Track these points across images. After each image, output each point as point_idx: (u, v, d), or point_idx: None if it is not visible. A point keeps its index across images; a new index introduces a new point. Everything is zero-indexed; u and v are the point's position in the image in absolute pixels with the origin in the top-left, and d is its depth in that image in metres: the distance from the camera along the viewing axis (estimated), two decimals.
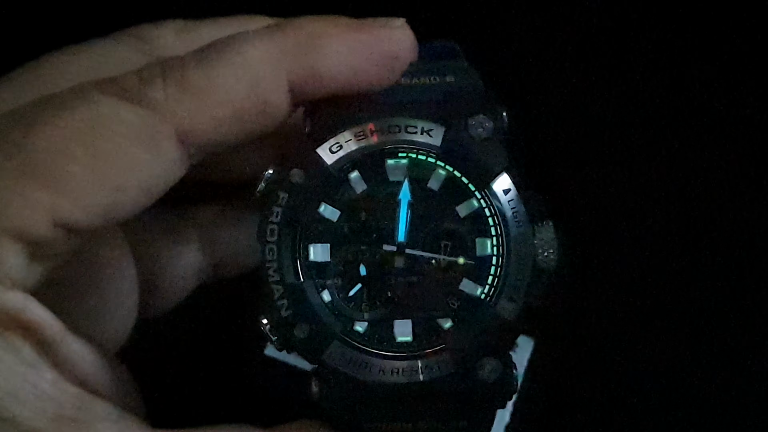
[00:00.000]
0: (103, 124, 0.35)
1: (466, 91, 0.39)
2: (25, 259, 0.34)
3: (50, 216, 0.34)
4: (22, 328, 0.34)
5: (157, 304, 0.44)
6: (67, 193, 0.34)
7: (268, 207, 0.37)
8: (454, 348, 0.37)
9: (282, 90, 0.36)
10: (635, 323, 0.51)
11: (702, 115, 0.50)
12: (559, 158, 0.48)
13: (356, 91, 0.38)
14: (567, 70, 0.51)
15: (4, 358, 0.34)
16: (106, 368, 0.37)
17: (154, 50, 0.41)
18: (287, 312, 0.37)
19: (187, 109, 0.35)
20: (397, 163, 0.39)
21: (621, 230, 0.49)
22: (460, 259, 0.38)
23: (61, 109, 0.35)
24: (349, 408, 0.38)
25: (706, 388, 0.51)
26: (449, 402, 0.38)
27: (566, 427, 0.51)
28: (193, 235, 0.45)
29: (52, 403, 0.34)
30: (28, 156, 0.34)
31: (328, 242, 0.38)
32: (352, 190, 0.39)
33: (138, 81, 0.36)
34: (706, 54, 0.51)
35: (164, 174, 0.36)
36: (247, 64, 0.36)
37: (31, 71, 0.41)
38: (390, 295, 0.39)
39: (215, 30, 0.41)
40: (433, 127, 0.38)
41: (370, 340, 0.38)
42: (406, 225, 0.38)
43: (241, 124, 0.36)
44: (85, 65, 0.40)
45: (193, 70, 0.36)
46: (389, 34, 0.38)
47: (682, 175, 0.49)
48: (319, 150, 0.38)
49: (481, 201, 0.38)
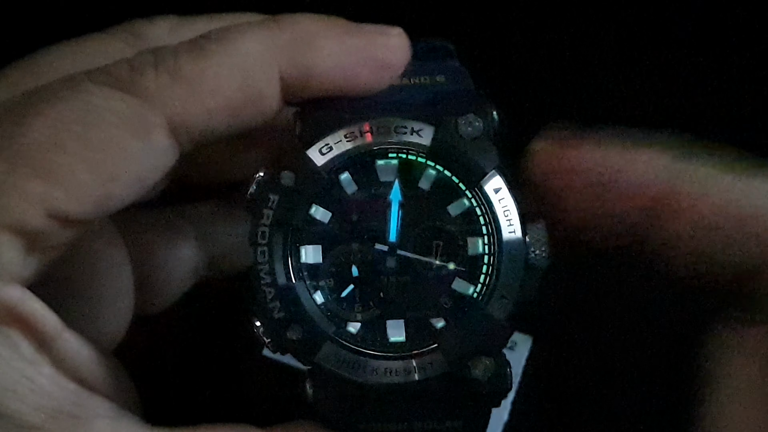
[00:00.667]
0: (94, 114, 0.35)
1: (457, 91, 0.39)
2: (21, 251, 0.34)
3: (44, 207, 0.34)
4: (19, 322, 0.34)
5: (154, 301, 0.44)
6: (59, 183, 0.34)
7: (258, 210, 0.38)
8: (446, 348, 0.37)
9: (274, 84, 0.36)
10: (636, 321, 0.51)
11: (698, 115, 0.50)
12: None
13: (345, 93, 0.38)
14: (559, 68, 0.51)
15: (1, 353, 0.34)
16: (104, 365, 0.37)
17: (147, 46, 0.40)
18: (279, 314, 0.37)
19: (179, 98, 0.35)
20: (388, 163, 0.39)
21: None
22: (450, 265, 0.38)
23: (52, 100, 0.35)
24: (344, 409, 0.38)
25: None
26: (443, 401, 0.38)
27: (565, 425, 0.51)
28: (189, 231, 0.45)
29: (50, 399, 0.34)
30: (20, 148, 0.34)
31: (320, 244, 0.39)
32: (342, 192, 0.39)
33: (129, 70, 0.36)
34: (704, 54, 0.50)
35: (156, 163, 0.36)
36: (240, 56, 0.36)
37: (25, 67, 0.41)
38: (382, 295, 0.39)
39: (209, 26, 0.41)
40: (422, 127, 0.38)
41: (363, 341, 0.38)
42: (397, 225, 0.39)
43: (232, 115, 0.36)
44: (78, 61, 0.40)
45: (185, 60, 0.36)
46: (384, 41, 0.38)
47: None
48: (309, 152, 0.38)
49: (471, 200, 0.38)
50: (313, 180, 0.38)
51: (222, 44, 0.36)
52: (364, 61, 0.37)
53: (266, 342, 0.37)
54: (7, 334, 0.34)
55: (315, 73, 0.37)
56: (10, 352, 0.34)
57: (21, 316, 0.35)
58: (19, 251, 0.34)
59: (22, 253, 0.35)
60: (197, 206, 0.46)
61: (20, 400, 0.33)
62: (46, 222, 0.34)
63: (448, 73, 0.40)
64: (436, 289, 0.39)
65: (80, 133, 0.34)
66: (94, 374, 0.36)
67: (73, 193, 0.34)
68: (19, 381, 0.34)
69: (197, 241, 0.45)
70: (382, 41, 0.38)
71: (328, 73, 0.37)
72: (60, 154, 0.34)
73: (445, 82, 0.40)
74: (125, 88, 0.35)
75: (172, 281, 0.45)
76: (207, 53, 0.36)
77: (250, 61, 0.36)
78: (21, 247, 0.34)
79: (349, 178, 0.39)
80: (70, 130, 0.34)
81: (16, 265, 0.35)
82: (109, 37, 0.42)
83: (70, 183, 0.34)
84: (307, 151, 0.38)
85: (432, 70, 0.40)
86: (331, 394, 0.37)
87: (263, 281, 0.37)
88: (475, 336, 0.37)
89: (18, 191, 0.34)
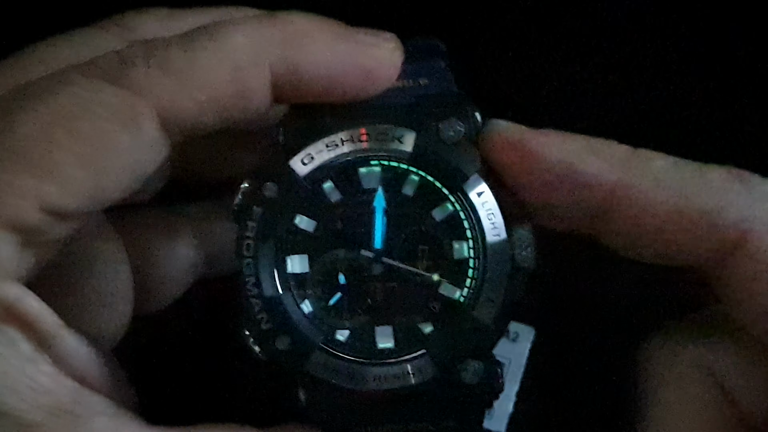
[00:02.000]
0: (84, 107, 0.35)
1: (439, 94, 0.39)
2: (16, 248, 0.34)
3: (37, 202, 0.34)
4: (18, 320, 0.35)
5: (153, 300, 0.44)
6: (51, 178, 0.34)
7: (243, 221, 0.38)
8: (435, 352, 0.37)
9: (264, 80, 0.36)
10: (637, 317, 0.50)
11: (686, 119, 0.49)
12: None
13: (333, 99, 0.38)
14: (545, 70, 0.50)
15: (1, 351, 0.34)
16: (102, 363, 0.37)
17: (138, 38, 0.41)
18: (267, 325, 0.37)
19: (168, 91, 0.35)
20: (370, 171, 0.39)
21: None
22: (436, 270, 0.39)
23: (42, 94, 0.35)
24: (337, 413, 0.38)
25: None
26: (436, 404, 0.38)
27: (570, 417, 0.51)
28: (187, 231, 0.45)
29: (49, 396, 0.34)
30: (10, 143, 0.34)
31: (306, 253, 0.39)
32: (326, 200, 0.39)
33: (119, 62, 0.36)
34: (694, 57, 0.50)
35: (147, 156, 0.36)
36: (230, 50, 0.36)
37: (14, 62, 0.41)
38: (370, 302, 0.39)
39: (200, 19, 0.41)
40: (404, 133, 0.38)
41: (352, 348, 0.38)
42: (382, 232, 0.39)
43: (221, 108, 0.36)
44: (68, 54, 0.40)
45: (176, 52, 0.36)
46: (375, 52, 0.37)
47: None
48: (291, 162, 0.38)
49: (455, 204, 0.38)
50: (296, 190, 0.38)
51: (213, 38, 0.36)
52: (352, 69, 0.37)
53: (256, 351, 0.38)
54: (5, 332, 0.34)
55: (304, 74, 0.37)
56: (9, 350, 0.34)
57: (20, 314, 0.35)
58: (15, 248, 0.34)
59: (18, 250, 0.35)
60: (194, 205, 0.46)
61: (20, 397, 0.33)
62: (40, 217, 0.34)
63: (431, 75, 0.40)
64: (424, 294, 0.39)
65: (71, 126, 0.34)
66: (93, 372, 0.36)
67: (66, 187, 0.34)
68: (18, 379, 0.34)
69: (195, 240, 0.45)
70: (373, 52, 0.37)
71: (316, 76, 0.37)
72: (51, 149, 0.34)
73: (428, 84, 0.39)
74: (115, 80, 0.35)
75: (171, 280, 0.45)
76: (198, 46, 0.36)
77: (241, 56, 0.36)
78: (16, 244, 0.34)
79: (333, 186, 0.39)
80: (61, 124, 0.34)
81: (12, 261, 0.35)
82: (99, 30, 0.42)
83: (62, 177, 0.34)
84: (289, 161, 0.38)
85: (416, 72, 0.39)
86: (323, 400, 0.38)
87: (250, 293, 0.38)
88: (463, 340, 0.37)
89: (10, 187, 0.34)
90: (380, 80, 0.38)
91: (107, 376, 0.37)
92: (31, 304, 0.35)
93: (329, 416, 0.38)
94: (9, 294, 0.35)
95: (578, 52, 0.50)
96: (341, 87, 0.37)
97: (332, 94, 0.38)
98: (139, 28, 0.42)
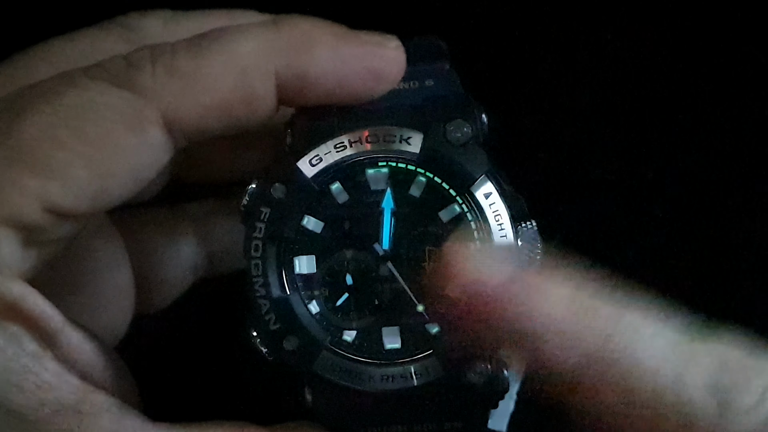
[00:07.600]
0: (90, 109, 0.35)
1: (445, 96, 0.39)
2: (19, 246, 0.35)
3: (40, 201, 0.34)
4: (22, 317, 0.35)
5: (155, 299, 0.45)
6: (56, 178, 0.34)
7: (251, 222, 0.38)
8: (442, 353, 0.38)
9: (269, 85, 0.37)
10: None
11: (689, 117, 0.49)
12: (541, 160, 0.48)
13: (339, 101, 0.38)
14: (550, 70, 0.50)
15: (5, 349, 0.34)
16: (106, 360, 0.37)
17: (141, 40, 0.41)
18: (275, 326, 0.38)
19: (174, 95, 0.35)
20: (378, 172, 0.39)
21: (607, 230, 0.49)
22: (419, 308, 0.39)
23: (49, 95, 0.35)
24: (344, 413, 0.38)
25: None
26: (442, 404, 0.38)
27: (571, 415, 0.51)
28: (189, 230, 0.45)
29: (54, 394, 0.34)
30: (16, 143, 0.34)
31: (313, 254, 0.39)
32: (334, 202, 0.39)
33: (126, 65, 0.36)
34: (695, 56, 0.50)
35: (151, 158, 0.36)
36: (237, 55, 0.36)
37: (19, 63, 0.41)
38: (377, 302, 0.39)
39: (204, 21, 0.41)
40: (411, 134, 0.38)
41: (359, 349, 0.38)
42: (390, 233, 0.39)
43: (227, 113, 0.36)
44: (73, 55, 0.40)
45: (182, 57, 0.36)
46: (381, 52, 0.38)
47: (668, 174, 0.49)
48: (299, 163, 0.38)
49: (462, 206, 0.38)
50: (304, 192, 0.38)
51: (219, 43, 0.36)
52: (358, 70, 0.37)
53: (263, 352, 0.38)
54: (9, 329, 0.34)
55: (309, 78, 0.37)
56: (13, 347, 0.34)
57: (23, 311, 0.35)
58: (18, 246, 0.35)
59: (21, 248, 0.35)
60: (196, 204, 0.46)
61: (24, 395, 0.34)
62: (43, 216, 0.34)
63: (437, 76, 0.40)
64: (430, 294, 0.39)
65: (76, 128, 0.35)
66: (97, 369, 0.37)
67: (70, 188, 0.35)
68: (23, 376, 0.34)
69: (197, 239, 0.45)
70: (379, 52, 0.38)
71: (323, 79, 0.37)
72: (56, 149, 0.34)
73: (434, 86, 0.40)
74: (121, 83, 0.35)
75: (172, 279, 0.45)
76: (204, 51, 0.36)
77: (247, 61, 0.36)
78: (19, 242, 0.35)
79: (340, 187, 0.39)
80: (67, 125, 0.35)
81: (15, 259, 0.35)
82: (103, 31, 0.42)
83: (66, 178, 0.34)
84: (297, 162, 0.38)
85: (421, 74, 0.40)
86: (330, 400, 0.38)
87: (258, 294, 0.38)
88: (470, 340, 0.38)
89: (14, 185, 0.34)
90: (387, 80, 0.38)
91: (111, 373, 0.37)
92: (34, 302, 0.35)
93: (335, 416, 0.38)
94: (12, 291, 0.35)
95: (579, 52, 0.51)
96: (348, 89, 0.38)
97: (338, 97, 0.38)
98: (142, 29, 0.42)
